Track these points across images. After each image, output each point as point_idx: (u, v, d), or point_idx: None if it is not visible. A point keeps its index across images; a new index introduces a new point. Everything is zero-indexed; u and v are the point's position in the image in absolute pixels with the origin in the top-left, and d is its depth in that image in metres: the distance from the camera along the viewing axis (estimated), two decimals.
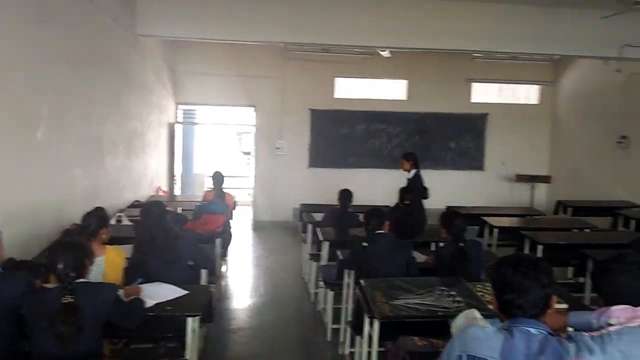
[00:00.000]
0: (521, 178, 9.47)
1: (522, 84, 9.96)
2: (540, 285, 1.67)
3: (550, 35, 6.73)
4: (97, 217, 3.29)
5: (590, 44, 6.84)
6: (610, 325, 1.68)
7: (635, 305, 1.71)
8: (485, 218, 6.09)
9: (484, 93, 9.90)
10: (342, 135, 9.50)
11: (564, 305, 2.69)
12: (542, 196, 9.64)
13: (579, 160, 9.15)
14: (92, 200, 4.68)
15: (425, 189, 6.24)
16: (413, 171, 6.20)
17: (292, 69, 9.25)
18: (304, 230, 5.92)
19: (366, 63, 9.16)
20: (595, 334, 1.62)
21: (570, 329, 1.96)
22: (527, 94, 10.07)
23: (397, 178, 6.29)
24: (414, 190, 5.80)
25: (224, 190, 6.00)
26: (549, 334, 1.64)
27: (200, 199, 6.02)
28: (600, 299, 1.90)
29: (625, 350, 1.55)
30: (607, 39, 6.72)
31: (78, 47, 4.67)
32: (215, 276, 4.62)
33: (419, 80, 9.56)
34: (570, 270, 5.47)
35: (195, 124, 10.40)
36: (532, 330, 1.63)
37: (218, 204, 5.59)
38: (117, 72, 5.93)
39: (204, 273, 3.94)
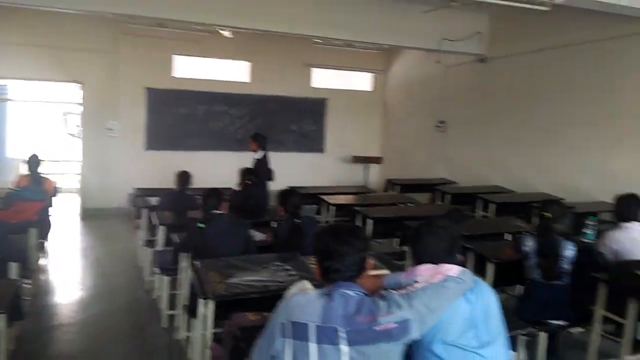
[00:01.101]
0: (357, 159, 10.11)
1: (357, 71, 10.55)
2: (356, 250, 1.76)
3: (380, 25, 7.19)
4: None
5: (414, 36, 7.49)
6: (417, 282, 1.83)
7: (437, 264, 1.89)
8: (323, 197, 6.36)
9: (323, 78, 10.28)
10: (182, 116, 9.09)
11: (386, 271, 2.90)
12: (375, 176, 10.40)
13: (406, 142, 10.06)
14: None
15: (270, 170, 6.30)
16: (260, 152, 6.23)
17: (125, 44, 8.54)
18: (138, 216, 5.56)
19: (207, 42, 8.85)
20: (403, 291, 1.76)
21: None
22: (363, 81, 10.72)
23: (242, 160, 6.24)
24: (255, 171, 5.81)
25: (41, 175, 5.32)
26: (365, 295, 1.74)
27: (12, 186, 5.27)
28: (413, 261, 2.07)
29: (428, 303, 1.71)
30: (428, 33, 7.42)
31: None
32: (30, 270, 4.09)
33: (262, 62, 9.56)
34: (396, 241, 5.98)
35: (6, 100, 9.06)
36: (349, 292, 1.71)
37: (34, 190, 4.95)
38: None
39: (13, 266, 3.45)
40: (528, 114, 7.33)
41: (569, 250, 3.33)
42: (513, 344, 3.53)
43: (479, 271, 3.78)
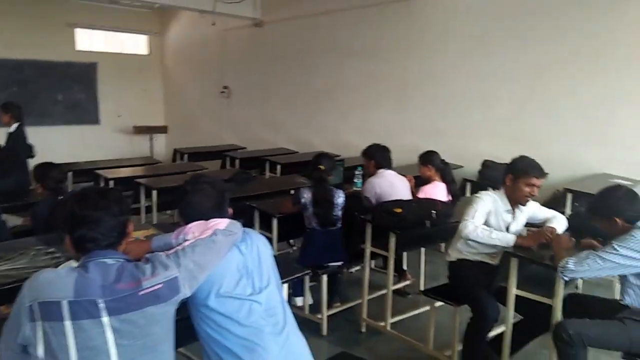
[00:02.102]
0: (139, 130, 9.46)
1: (130, 32, 9.75)
2: (111, 214, 1.59)
3: None
4: None
5: None
6: (187, 241, 1.75)
7: (207, 220, 1.84)
8: (99, 171, 5.77)
9: (90, 40, 9.23)
10: None
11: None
12: (162, 146, 9.91)
13: (191, 110, 9.77)
14: None
15: (29, 146, 5.46)
16: (15, 125, 5.32)
17: None
18: None
19: None
20: (171, 251, 1.67)
21: None
22: (136, 43, 9.96)
23: None
24: (8, 146, 4.98)
25: None
26: (127, 261, 1.60)
27: None
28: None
29: (198, 259, 1.65)
30: None
31: None
32: None
33: (12, 21, 8.10)
34: None
35: None
36: (108, 260, 1.55)
37: None
38: None
39: None
40: (304, 78, 7.75)
41: (340, 198, 3.64)
42: (300, 290, 3.79)
43: (266, 227, 3.91)
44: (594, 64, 5.16)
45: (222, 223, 1.80)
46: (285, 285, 2.49)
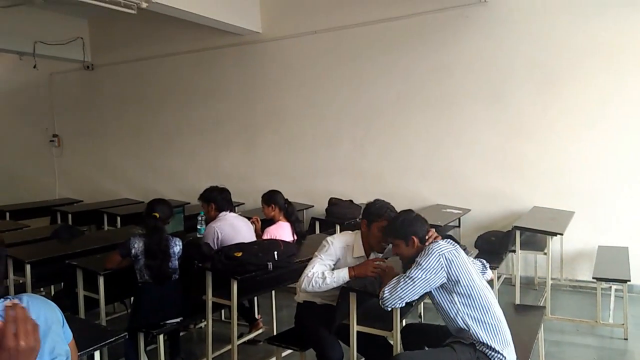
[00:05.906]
0: None
1: None
2: None
3: None
4: None
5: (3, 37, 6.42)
6: None
7: None
8: None
9: None
10: None
11: None
12: None
13: (14, 162, 8.61)
14: None
15: None
16: None
17: None
18: None
19: None
20: None
21: None
22: None
23: None
24: None
25: None
26: None
27: None
28: None
29: None
30: (17, 33, 6.46)
31: None
32: None
33: None
34: None
35: None
36: None
37: None
38: None
39: None
40: (142, 123, 7.33)
41: (177, 247, 3.33)
42: (135, 356, 3.32)
43: (92, 288, 3.39)
44: (423, 104, 5.58)
45: None
46: (97, 353, 2.11)
